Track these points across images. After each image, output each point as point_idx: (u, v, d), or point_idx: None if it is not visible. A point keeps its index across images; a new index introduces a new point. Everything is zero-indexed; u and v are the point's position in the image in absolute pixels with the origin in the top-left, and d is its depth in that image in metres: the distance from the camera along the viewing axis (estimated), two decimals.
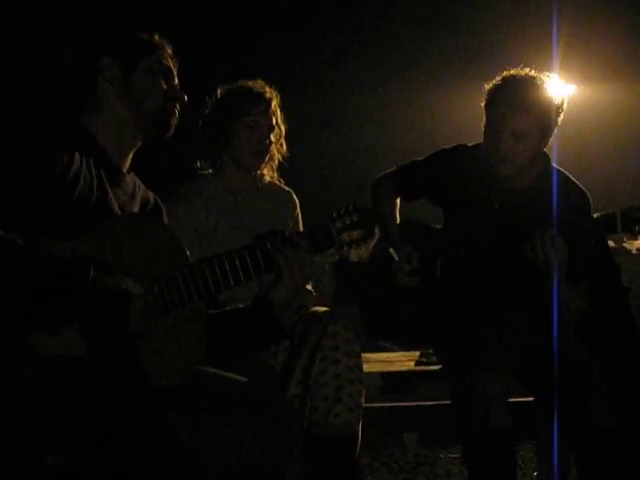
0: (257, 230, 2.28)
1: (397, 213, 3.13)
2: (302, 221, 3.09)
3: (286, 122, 3.01)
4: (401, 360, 3.34)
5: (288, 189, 3.10)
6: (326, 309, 2.79)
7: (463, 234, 2.88)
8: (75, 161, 2.00)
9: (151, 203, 2.24)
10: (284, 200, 3.07)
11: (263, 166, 2.99)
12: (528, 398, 2.86)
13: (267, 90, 2.96)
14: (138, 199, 2.19)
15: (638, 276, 3.91)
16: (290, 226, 2.96)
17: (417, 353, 3.33)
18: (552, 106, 2.76)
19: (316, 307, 2.80)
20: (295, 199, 3.09)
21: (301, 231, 2.24)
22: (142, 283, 1.91)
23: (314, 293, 3.03)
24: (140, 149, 2.21)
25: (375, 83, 6.58)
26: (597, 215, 2.62)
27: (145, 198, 2.23)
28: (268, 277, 2.10)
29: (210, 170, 3.01)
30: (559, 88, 2.90)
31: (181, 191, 2.96)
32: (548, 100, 2.76)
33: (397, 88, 6.45)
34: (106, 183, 2.08)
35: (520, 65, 2.82)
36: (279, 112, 2.98)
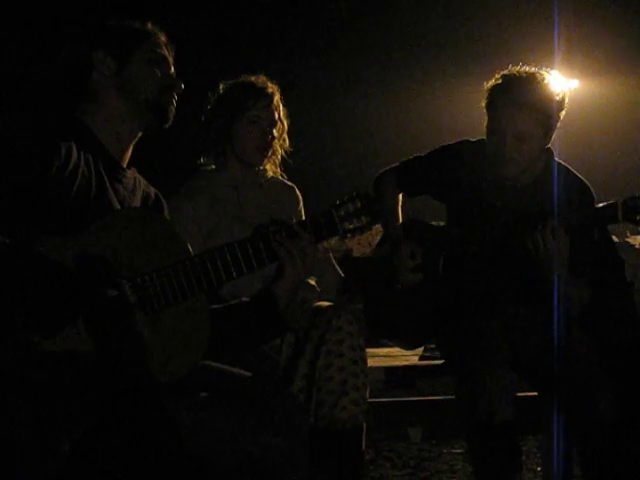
0: None
1: (400, 208, 3.12)
2: (305, 216, 3.08)
3: (288, 117, 3.01)
4: (405, 355, 3.34)
5: (291, 184, 3.09)
6: (330, 304, 2.79)
7: (466, 230, 2.88)
8: (73, 157, 1.98)
9: (152, 198, 2.22)
10: (287, 195, 3.06)
11: (266, 161, 2.99)
12: (532, 393, 2.86)
13: (269, 85, 2.95)
14: (138, 195, 2.16)
15: None
16: (293, 221, 2.95)
17: (421, 348, 3.33)
18: (554, 103, 2.75)
19: (320, 302, 2.81)
20: (298, 194, 3.09)
21: (303, 220, 2.18)
22: (141, 277, 1.90)
23: (318, 289, 3.02)
24: (143, 145, 2.19)
25: (377, 80, 6.59)
26: (598, 206, 2.62)
27: (146, 193, 2.20)
28: (271, 271, 2.10)
29: (213, 166, 3.01)
30: (562, 83, 2.89)
31: (184, 187, 2.96)
32: (549, 97, 2.74)
33: (399, 83, 6.45)
34: (105, 179, 2.05)
35: (520, 62, 2.80)
36: (281, 107, 2.97)
